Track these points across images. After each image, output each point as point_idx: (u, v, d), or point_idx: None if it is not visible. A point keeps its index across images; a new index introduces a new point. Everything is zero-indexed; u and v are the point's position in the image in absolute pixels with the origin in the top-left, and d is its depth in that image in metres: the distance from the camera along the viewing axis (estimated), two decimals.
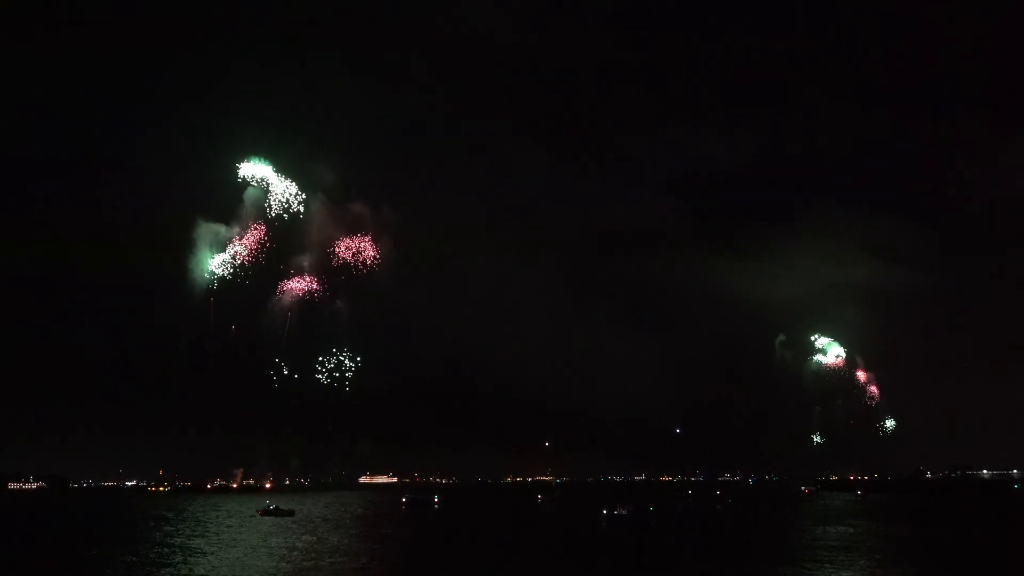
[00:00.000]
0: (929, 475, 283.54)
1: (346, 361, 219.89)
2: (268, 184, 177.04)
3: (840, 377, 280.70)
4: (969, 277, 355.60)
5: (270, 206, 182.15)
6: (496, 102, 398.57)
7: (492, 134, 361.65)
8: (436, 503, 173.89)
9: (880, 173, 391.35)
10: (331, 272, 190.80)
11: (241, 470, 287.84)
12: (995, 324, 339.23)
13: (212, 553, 76.06)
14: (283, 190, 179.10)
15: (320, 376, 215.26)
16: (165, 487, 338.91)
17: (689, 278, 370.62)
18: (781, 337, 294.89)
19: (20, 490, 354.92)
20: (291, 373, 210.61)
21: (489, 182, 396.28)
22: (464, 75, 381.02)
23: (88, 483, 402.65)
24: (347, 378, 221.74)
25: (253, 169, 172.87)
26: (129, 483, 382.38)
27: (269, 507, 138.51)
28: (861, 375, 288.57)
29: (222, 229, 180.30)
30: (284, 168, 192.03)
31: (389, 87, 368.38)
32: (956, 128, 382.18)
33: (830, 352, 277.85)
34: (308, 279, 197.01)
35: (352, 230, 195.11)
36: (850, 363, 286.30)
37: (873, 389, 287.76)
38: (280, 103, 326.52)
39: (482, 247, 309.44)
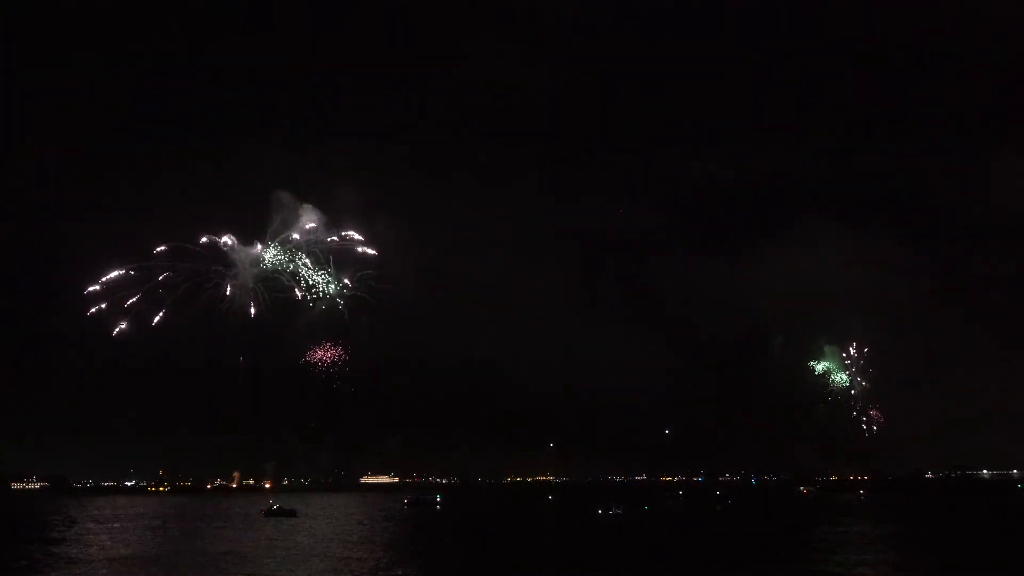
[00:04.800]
0: (929, 475, 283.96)
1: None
2: (298, 268, 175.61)
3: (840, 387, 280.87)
4: (963, 281, 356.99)
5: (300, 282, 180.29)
6: (503, 126, 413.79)
7: (500, 154, 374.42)
8: (438, 504, 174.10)
9: (865, 189, 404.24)
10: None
11: (274, 464, 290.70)
12: (994, 325, 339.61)
13: (214, 552, 76.43)
14: (312, 275, 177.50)
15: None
16: (165, 487, 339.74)
17: (689, 284, 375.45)
18: (780, 339, 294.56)
19: (23, 490, 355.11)
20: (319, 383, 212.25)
21: (498, 199, 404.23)
22: (469, 100, 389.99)
23: (88, 483, 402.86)
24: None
25: (277, 254, 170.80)
26: (128, 483, 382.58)
27: (272, 507, 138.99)
28: (860, 376, 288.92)
29: (253, 249, 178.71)
30: (306, 194, 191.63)
31: (400, 113, 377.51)
32: (939, 149, 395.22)
33: (834, 377, 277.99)
34: (334, 349, 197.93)
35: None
36: (848, 365, 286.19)
37: (871, 390, 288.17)
38: (301, 131, 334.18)
39: (493, 259, 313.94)
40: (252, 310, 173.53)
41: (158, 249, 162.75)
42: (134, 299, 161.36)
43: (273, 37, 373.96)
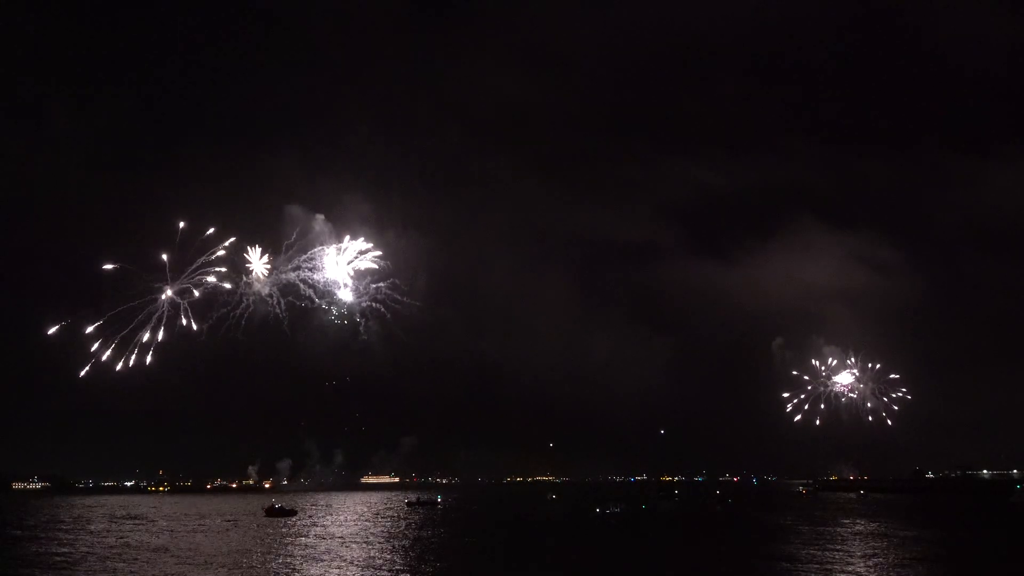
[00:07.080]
0: (929, 475, 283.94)
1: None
2: (312, 277, 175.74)
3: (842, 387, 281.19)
4: (959, 282, 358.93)
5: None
6: (508, 140, 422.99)
7: (506, 168, 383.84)
8: (440, 503, 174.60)
9: (859, 193, 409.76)
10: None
11: (289, 462, 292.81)
12: (993, 325, 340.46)
13: (217, 552, 76.73)
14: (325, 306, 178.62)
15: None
16: (165, 487, 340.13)
17: (689, 288, 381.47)
18: (779, 340, 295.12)
19: (24, 490, 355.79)
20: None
21: (504, 208, 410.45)
22: (476, 118, 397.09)
23: (88, 483, 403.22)
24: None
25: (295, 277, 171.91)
26: (128, 483, 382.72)
27: (275, 506, 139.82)
28: (860, 376, 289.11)
29: (268, 259, 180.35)
30: (318, 205, 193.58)
31: (408, 129, 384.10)
32: (931, 153, 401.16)
33: (833, 378, 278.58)
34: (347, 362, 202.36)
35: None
36: (848, 366, 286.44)
37: (872, 388, 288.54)
38: (312, 147, 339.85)
39: (499, 265, 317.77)
40: (268, 319, 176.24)
41: (166, 256, 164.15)
42: (149, 306, 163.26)
43: (282, 49, 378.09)
